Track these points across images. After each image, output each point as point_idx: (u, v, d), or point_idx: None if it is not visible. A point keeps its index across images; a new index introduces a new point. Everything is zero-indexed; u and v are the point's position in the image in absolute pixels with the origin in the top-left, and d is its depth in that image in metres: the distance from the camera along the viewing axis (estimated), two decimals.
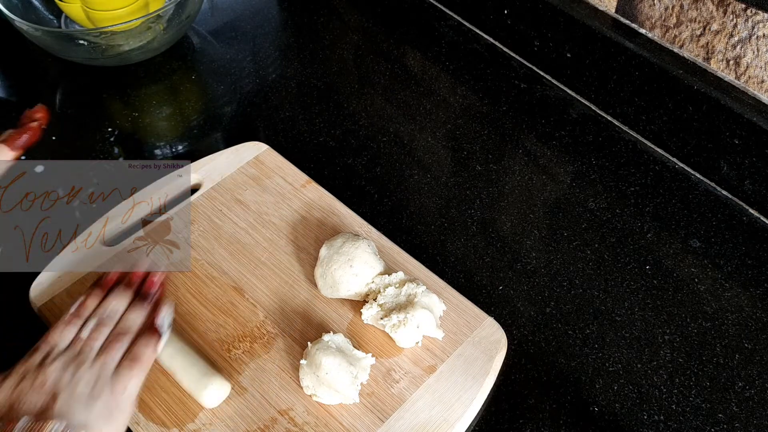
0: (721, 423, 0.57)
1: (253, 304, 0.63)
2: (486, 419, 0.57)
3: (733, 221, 0.71)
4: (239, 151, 0.75)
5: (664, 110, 0.74)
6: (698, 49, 0.72)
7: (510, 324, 0.63)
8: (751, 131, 0.67)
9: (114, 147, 0.79)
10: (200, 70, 0.90)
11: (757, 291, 0.66)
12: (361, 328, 0.61)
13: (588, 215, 0.72)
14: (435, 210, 0.73)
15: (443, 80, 0.86)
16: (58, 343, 0.52)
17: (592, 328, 0.63)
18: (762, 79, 0.68)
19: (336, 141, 0.79)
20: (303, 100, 0.85)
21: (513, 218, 0.72)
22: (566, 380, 0.60)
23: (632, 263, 0.68)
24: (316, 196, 0.71)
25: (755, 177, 0.70)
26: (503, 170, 0.76)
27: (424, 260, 0.66)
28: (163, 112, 0.85)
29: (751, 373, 0.60)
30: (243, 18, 0.95)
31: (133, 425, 0.56)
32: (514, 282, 0.66)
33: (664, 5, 0.72)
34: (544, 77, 0.86)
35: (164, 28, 0.85)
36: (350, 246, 0.61)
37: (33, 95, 0.87)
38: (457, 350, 0.59)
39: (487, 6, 0.88)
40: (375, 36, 0.93)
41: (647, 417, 0.58)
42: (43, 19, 0.89)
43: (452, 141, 0.79)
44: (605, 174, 0.76)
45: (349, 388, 0.54)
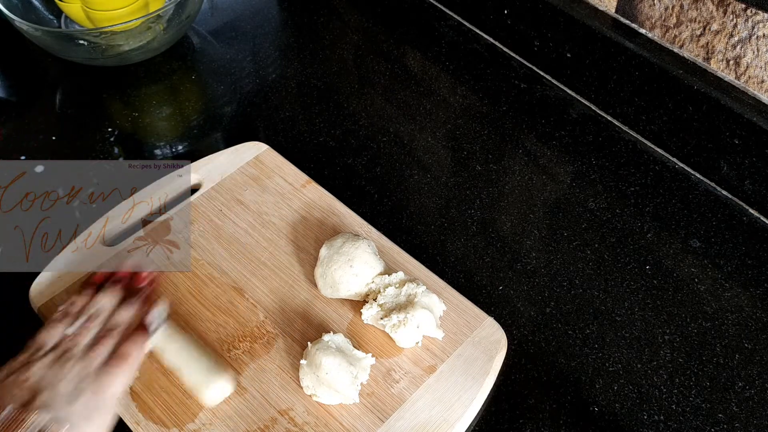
0: (721, 423, 0.57)
1: (253, 304, 0.63)
2: (486, 419, 0.57)
3: (733, 221, 0.71)
4: (239, 151, 0.75)
5: (664, 110, 0.74)
6: (698, 49, 0.72)
7: (510, 324, 0.63)
8: (751, 131, 0.67)
9: (114, 147, 0.79)
10: (200, 70, 0.90)
11: (757, 291, 0.66)
12: (361, 328, 0.61)
13: (588, 215, 0.72)
14: (435, 210, 0.73)
15: (443, 80, 0.86)
16: (46, 341, 0.51)
17: (592, 328, 0.63)
18: (762, 79, 0.68)
19: (336, 141, 0.79)
20: (303, 100, 0.85)
21: (513, 218, 0.72)
22: (566, 380, 0.60)
23: (632, 263, 0.68)
24: (316, 196, 0.71)
25: (755, 177, 0.70)
26: (503, 170, 0.76)
27: (424, 260, 0.66)
28: (163, 112, 0.85)
29: (751, 373, 0.60)
30: (243, 18, 0.95)
31: (133, 425, 0.56)
32: (514, 282, 0.66)
33: (664, 5, 0.72)
34: (544, 77, 0.86)
35: (164, 28, 0.85)
36: (350, 246, 0.61)
37: (33, 95, 0.87)
38: (457, 350, 0.59)
39: (487, 6, 0.88)
40: (375, 36, 0.93)
41: (647, 417, 0.58)
42: (43, 19, 0.89)
43: (452, 141, 0.79)
44: (605, 174, 0.76)
45: (349, 388, 0.54)
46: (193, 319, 0.62)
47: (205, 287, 0.64)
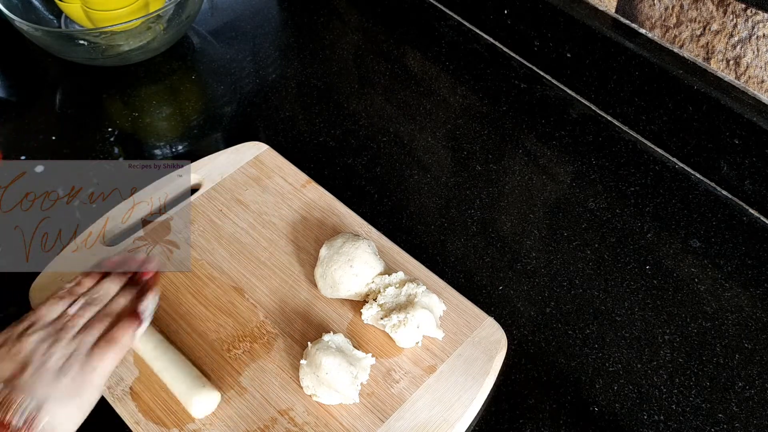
0: (721, 423, 0.57)
1: (253, 304, 0.63)
2: (486, 419, 0.57)
3: (733, 221, 0.71)
4: (239, 151, 0.75)
5: (664, 110, 0.74)
6: (698, 49, 0.72)
7: (510, 324, 0.63)
8: (751, 131, 0.67)
9: (114, 147, 0.79)
10: (200, 70, 0.90)
11: (757, 291, 0.66)
12: (361, 328, 0.61)
13: (588, 215, 0.72)
14: (435, 210, 0.73)
15: (443, 80, 0.86)
16: (45, 316, 0.52)
17: (592, 328, 0.63)
18: (762, 79, 0.68)
19: (336, 141, 0.79)
20: (303, 100, 0.85)
21: (513, 218, 0.72)
22: (566, 380, 0.60)
23: (632, 263, 0.68)
24: (316, 196, 0.71)
25: (755, 177, 0.70)
26: (503, 170, 0.76)
27: (424, 260, 0.66)
28: (163, 112, 0.85)
29: (751, 373, 0.60)
30: (243, 18, 0.95)
31: (133, 425, 0.56)
32: (514, 282, 0.66)
33: (664, 5, 0.72)
34: (544, 77, 0.86)
35: (164, 28, 0.85)
36: (350, 246, 0.61)
37: (33, 95, 0.87)
38: (457, 350, 0.59)
39: (487, 6, 0.88)
40: (375, 36, 0.93)
41: (647, 417, 0.58)
42: (43, 19, 0.89)
43: (452, 141, 0.79)
44: (605, 174, 0.76)
45: (349, 388, 0.54)
46: (193, 319, 0.62)
47: (205, 287, 0.64)
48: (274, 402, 0.57)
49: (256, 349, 0.60)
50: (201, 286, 0.64)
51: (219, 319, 0.62)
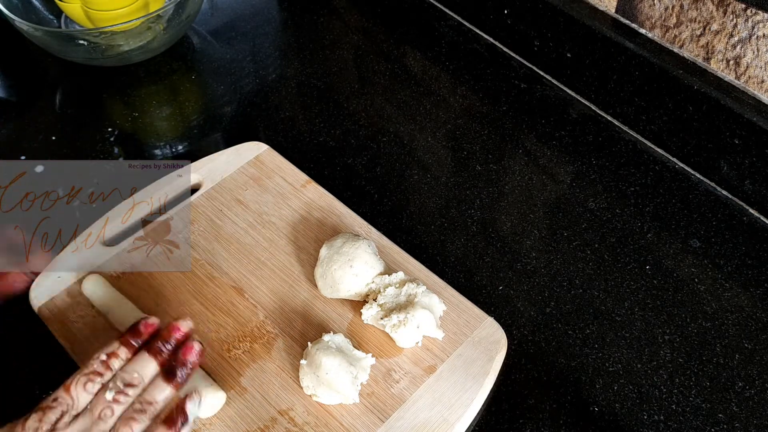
0: (721, 423, 0.57)
1: (253, 304, 0.63)
2: (486, 419, 0.57)
3: (733, 221, 0.71)
4: (239, 151, 0.75)
5: (664, 110, 0.74)
6: (698, 49, 0.72)
7: (510, 324, 0.63)
8: (751, 131, 0.67)
9: (114, 147, 0.79)
10: (200, 70, 0.90)
11: (757, 291, 0.66)
12: (361, 328, 0.61)
13: (588, 215, 0.72)
14: (435, 210, 0.73)
15: (443, 80, 0.86)
16: (77, 400, 0.48)
17: (592, 328, 0.63)
18: (762, 79, 0.68)
19: (336, 141, 0.79)
20: (303, 100, 0.85)
21: (513, 218, 0.72)
22: (566, 380, 0.60)
23: (632, 263, 0.68)
24: (316, 196, 0.71)
25: (755, 177, 0.70)
26: (503, 170, 0.76)
27: (424, 260, 0.66)
28: (163, 112, 0.85)
29: (751, 373, 0.60)
30: (243, 18, 0.95)
31: None
32: (514, 282, 0.66)
33: (664, 5, 0.72)
34: (544, 77, 0.86)
35: (164, 28, 0.85)
36: (350, 246, 0.61)
37: (33, 95, 0.87)
38: (457, 350, 0.59)
39: (487, 6, 0.88)
40: (375, 36, 0.93)
41: (647, 417, 0.58)
42: (43, 19, 0.89)
43: (452, 141, 0.79)
44: (605, 174, 0.76)
45: (349, 388, 0.54)
46: (193, 319, 0.62)
47: (205, 287, 0.64)
48: (274, 402, 0.57)
49: (256, 349, 0.60)
50: (201, 286, 0.64)
51: (219, 319, 0.62)
